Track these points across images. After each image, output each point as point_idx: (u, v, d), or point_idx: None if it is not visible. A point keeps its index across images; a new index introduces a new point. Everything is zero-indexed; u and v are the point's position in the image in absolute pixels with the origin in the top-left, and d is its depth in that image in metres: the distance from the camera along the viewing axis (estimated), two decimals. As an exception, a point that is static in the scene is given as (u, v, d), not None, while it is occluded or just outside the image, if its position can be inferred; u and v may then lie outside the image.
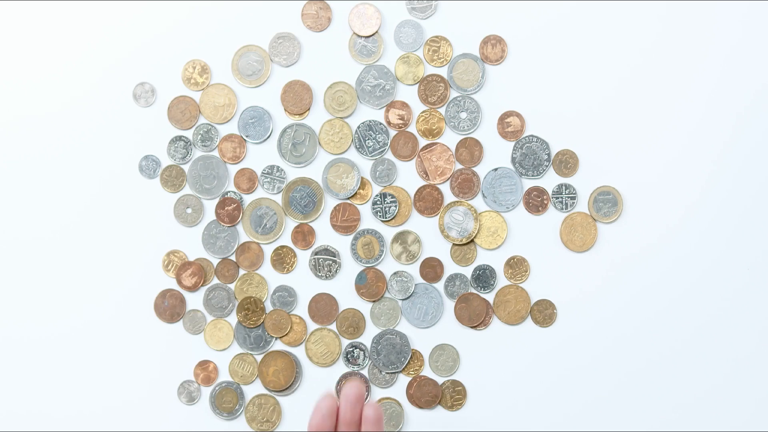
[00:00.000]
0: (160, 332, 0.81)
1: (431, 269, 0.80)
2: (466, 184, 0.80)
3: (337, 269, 0.80)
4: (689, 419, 0.79)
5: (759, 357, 0.79)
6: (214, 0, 0.81)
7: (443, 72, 0.80)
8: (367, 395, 0.78)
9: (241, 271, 0.81)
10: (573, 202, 0.80)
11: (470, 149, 0.80)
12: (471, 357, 0.80)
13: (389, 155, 0.80)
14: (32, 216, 0.81)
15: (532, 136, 0.80)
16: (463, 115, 0.80)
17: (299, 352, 0.81)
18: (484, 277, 0.80)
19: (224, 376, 0.81)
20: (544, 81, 0.80)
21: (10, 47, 0.81)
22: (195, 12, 0.81)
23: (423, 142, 0.80)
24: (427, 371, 0.80)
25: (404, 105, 0.80)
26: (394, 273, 0.80)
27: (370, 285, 0.80)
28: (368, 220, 0.80)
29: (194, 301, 0.81)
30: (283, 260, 0.81)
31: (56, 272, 0.81)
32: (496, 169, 0.80)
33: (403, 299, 0.80)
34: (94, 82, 0.81)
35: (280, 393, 0.80)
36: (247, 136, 0.81)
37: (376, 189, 0.80)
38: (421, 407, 0.80)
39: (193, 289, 0.81)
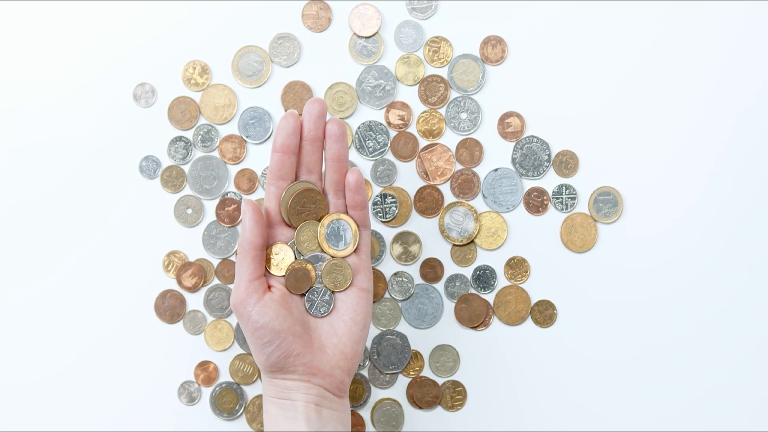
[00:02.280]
0: (160, 333, 0.81)
1: (431, 270, 0.80)
2: (466, 185, 0.80)
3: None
4: (689, 419, 0.79)
5: (759, 357, 0.79)
6: (214, 0, 0.81)
7: (443, 72, 0.80)
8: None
9: (242, 272, 0.81)
10: (573, 203, 0.80)
11: (470, 150, 0.80)
12: (471, 357, 0.80)
13: (389, 155, 0.80)
14: (32, 216, 0.81)
15: (533, 136, 0.80)
16: (464, 115, 0.80)
17: (299, 353, 0.81)
18: (484, 277, 0.80)
19: (224, 376, 0.81)
20: (544, 81, 0.80)
21: (10, 47, 0.81)
22: (195, 12, 0.81)
23: (423, 142, 0.80)
24: (427, 371, 0.80)
25: (404, 105, 0.80)
26: (395, 273, 0.80)
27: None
28: (368, 220, 0.81)
29: (194, 301, 0.81)
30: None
31: (57, 273, 0.81)
32: (496, 170, 0.80)
33: (402, 300, 0.80)
34: (95, 82, 0.81)
35: (281, 393, 0.80)
36: (247, 137, 0.81)
37: (376, 189, 0.80)
38: (421, 407, 0.80)
39: (193, 289, 0.81)
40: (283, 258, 0.69)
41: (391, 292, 0.80)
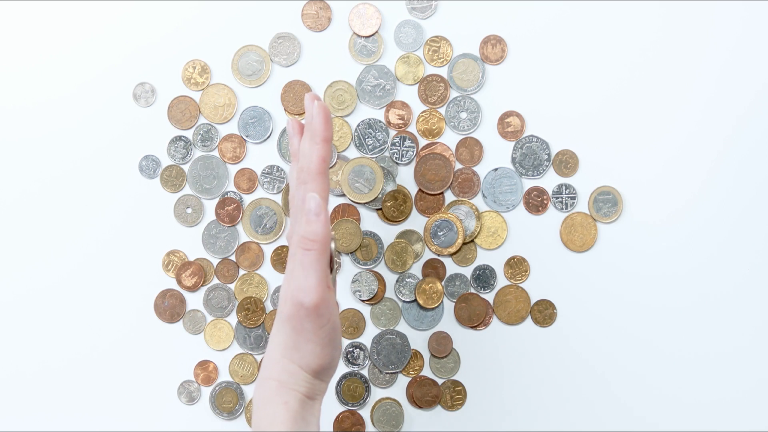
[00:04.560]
0: (160, 332, 0.81)
1: (433, 269, 0.80)
2: (466, 184, 0.80)
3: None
4: (688, 419, 0.79)
5: (759, 356, 0.79)
6: (214, 0, 0.81)
7: (443, 72, 0.80)
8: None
9: (241, 271, 0.81)
10: (573, 202, 0.80)
11: (470, 149, 0.80)
12: (471, 357, 0.80)
13: (389, 153, 0.80)
14: (32, 216, 0.81)
15: (532, 136, 0.80)
16: (463, 115, 0.80)
17: (299, 352, 0.80)
18: (484, 277, 0.80)
19: (224, 376, 0.81)
20: (544, 81, 0.80)
21: (10, 47, 0.81)
22: (195, 12, 0.81)
23: (423, 141, 0.80)
24: (427, 371, 0.80)
25: (404, 105, 0.80)
26: (400, 274, 0.80)
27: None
28: (368, 220, 0.80)
29: (194, 301, 0.81)
30: (283, 260, 0.80)
31: (56, 272, 0.81)
32: (496, 169, 0.80)
33: (409, 301, 0.80)
34: (95, 81, 0.81)
35: (280, 393, 0.80)
36: (247, 136, 0.81)
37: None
38: (420, 407, 0.80)
39: (193, 289, 0.80)
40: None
41: (398, 294, 0.80)
